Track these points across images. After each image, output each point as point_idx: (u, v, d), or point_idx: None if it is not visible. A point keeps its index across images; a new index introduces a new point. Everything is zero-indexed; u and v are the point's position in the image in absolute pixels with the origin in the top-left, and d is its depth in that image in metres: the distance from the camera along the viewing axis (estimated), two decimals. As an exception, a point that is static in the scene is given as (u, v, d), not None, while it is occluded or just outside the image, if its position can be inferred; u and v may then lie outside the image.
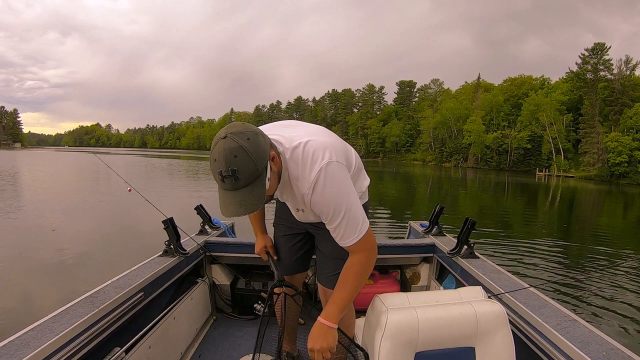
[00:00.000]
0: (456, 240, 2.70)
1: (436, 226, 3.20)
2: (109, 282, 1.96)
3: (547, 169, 57.01)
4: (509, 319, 1.51)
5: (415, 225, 3.56)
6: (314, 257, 2.02)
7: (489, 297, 1.67)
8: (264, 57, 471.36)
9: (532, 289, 1.97)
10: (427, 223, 3.35)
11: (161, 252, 2.48)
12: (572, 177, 51.25)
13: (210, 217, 3.25)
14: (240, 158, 1.20)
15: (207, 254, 2.91)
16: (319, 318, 1.50)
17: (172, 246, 2.47)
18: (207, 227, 3.15)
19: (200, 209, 3.19)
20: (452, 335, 1.43)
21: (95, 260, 6.93)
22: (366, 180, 1.79)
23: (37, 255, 7.14)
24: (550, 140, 58.19)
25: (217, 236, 3.07)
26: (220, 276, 3.04)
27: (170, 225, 2.45)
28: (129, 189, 2.94)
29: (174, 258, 2.44)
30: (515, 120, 65.56)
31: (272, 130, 1.47)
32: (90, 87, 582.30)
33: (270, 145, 1.32)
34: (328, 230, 1.48)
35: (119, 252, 7.28)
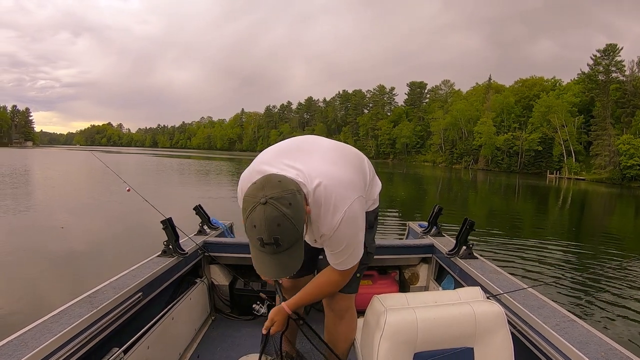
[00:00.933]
0: (455, 241, 2.71)
1: (435, 227, 3.21)
2: (108, 282, 1.96)
3: (558, 172, 56.55)
4: (508, 320, 1.51)
5: (414, 225, 3.56)
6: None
7: (488, 297, 1.69)
8: (274, 57, 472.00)
9: (530, 289, 1.98)
10: (425, 224, 3.36)
11: (160, 252, 2.49)
12: (583, 179, 50.85)
13: (209, 217, 3.25)
14: (284, 226, 1.17)
15: (206, 254, 2.91)
16: (284, 304, 1.65)
17: (170, 246, 2.48)
18: (205, 227, 3.16)
19: (199, 209, 3.19)
20: (450, 335, 1.44)
21: (99, 258, 7.09)
22: (378, 187, 1.79)
23: (46, 251, 7.37)
24: (562, 143, 57.78)
25: (215, 236, 3.08)
26: (219, 276, 3.04)
27: (169, 225, 2.46)
28: (127, 188, 2.96)
29: (173, 258, 2.45)
30: (526, 121, 65.16)
31: (286, 160, 1.43)
32: (102, 86, 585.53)
33: (303, 192, 1.31)
34: None
35: (124, 250, 7.42)
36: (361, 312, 1.76)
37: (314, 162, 1.42)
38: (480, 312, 1.45)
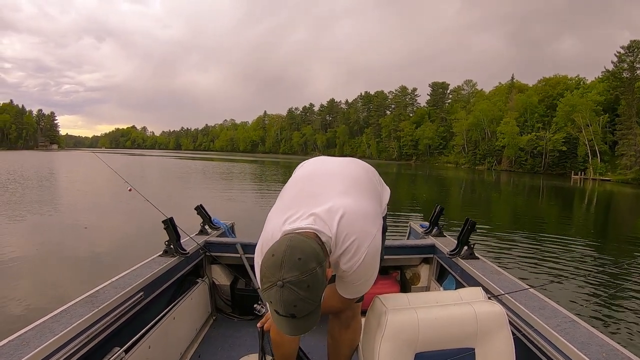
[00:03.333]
0: (456, 241, 2.71)
1: (436, 227, 3.21)
2: (109, 282, 1.97)
3: (582, 172, 55.69)
4: (509, 320, 1.50)
5: (416, 226, 3.56)
6: None
7: (489, 298, 1.68)
8: (296, 60, 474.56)
9: (532, 290, 1.97)
10: (427, 224, 3.36)
11: (161, 252, 2.50)
12: (608, 180, 49.85)
13: (210, 217, 3.25)
14: (300, 307, 1.14)
15: (207, 254, 2.92)
16: None
17: (172, 246, 2.49)
18: (207, 227, 3.17)
19: (200, 209, 3.19)
20: (452, 336, 1.43)
21: (115, 254, 7.37)
22: (387, 194, 1.74)
23: (69, 249, 7.73)
24: (586, 142, 56.90)
25: (217, 236, 3.08)
26: (220, 276, 3.04)
27: (170, 225, 2.47)
28: (129, 188, 2.95)
29: (174, 258, 2.46)
30: (550, 121, 64.35)
31: (303, 207, 1.36)
32: (126, 90, 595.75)
33: (324, 260, 1.21)
34: None
35: (139, 247, 7.60)
36: (362, 312, 1.77)
37: (331, 197, 1.38)
38: (481, 312, 1.45)
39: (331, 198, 1.38)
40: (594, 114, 56.52)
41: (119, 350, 1.74)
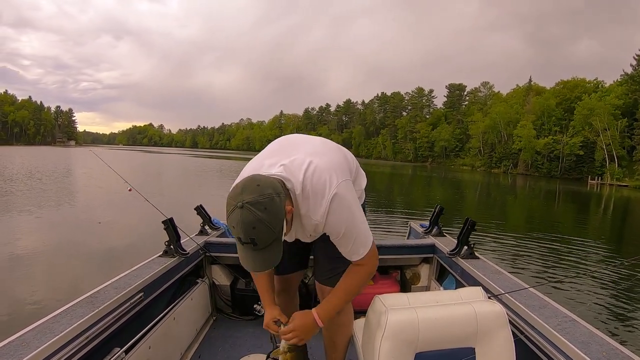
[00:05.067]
0: (456, 241, 2.70)
1: (436, 227, 3.20)
2: (109, 282, 1.96)
3: (599, 177, 54.79)
4: (509, 320, 1.50)
5: (416, 225, 3.56)
6: (311, 257, 1.99)
7: (489, 297, 1.67)
8: (313, 60, 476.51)
9: (532, 289, 1.96)
10: (427, 224, 3.35)
11: (161, 253, 2.50)
12: (626, 186, 49.05)
13: (210, 218, 3.25)
14: (259, 229, 1.22)
15: (207, 254, 2.91)
16: (315, 312, 1.56)
17: (172, 246, 2.49)
18: (207, 227, 3.16)
19: (200, 209, 3.17)
20: (452, 335, 1.43)
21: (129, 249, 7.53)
22: (363, 178, 1.79)
23: (84, 244, 8.04)
24: (604, 147, 56.27)
25: (217, 236, 3.07)
26: (220, 277, 3.03)
27: (170, 225, 2.47)
28: (129, 188, 2.94)
29: (174, 258, 2.45)
30: (568, 125, 63.69)
31: (273, 159, 1.48)
32: (143, 88, 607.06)
33: (283, 194, 1.31)
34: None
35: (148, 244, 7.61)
36: (362, 312, 1.75)
37: (298, 156, 1.46)
38: (481, 312, 1.44)
39: (301, 154, 1.47)
40: (612, 117, 55.85)
41: (119, 351, 1.75)
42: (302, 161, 1.43)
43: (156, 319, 2.12)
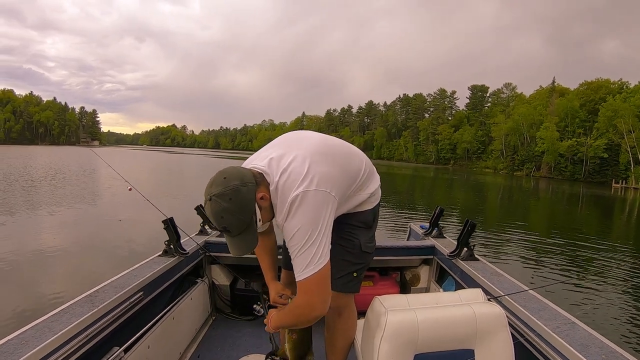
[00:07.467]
0: (456, 243, 2.68)
1: (436, 228, 3.18)
2: (109, 281, 1.96)
3: (624, 181, 53.94)
4: (509, 322, 1.48)
5: (415, 227, 3.54)
6: None
7: (489, 299, 1.68)
8: (335, 61, 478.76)
9: (531, 291, 1.95)
10: (427, 225, 3.33)
11: (161, 252, 2.49)
12: None
13: None
14: (227, 218, 1.31)
15: (207, 254, 2.91)
16: (272, 313, 1.65)
17: (172, 246, 2.48)
18: (207, 227, 3.14)
19: (200, 209, 3.10)
20: (451, 337, 1.42)
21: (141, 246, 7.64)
22: (376, 183, 1.74)
23: (100, 239, 8.34)
24: (628, 150, 55.52)
25: (217, 236, 3.05)
26: (219, 276, 3.04)
27: (170, 225, 2.46)
28: (129, 188, 2.92)
29: (174, 258, 2.45)
30: (592, 127, 62.87)
31: (269, 151, 1.50)
32: (166, 89, 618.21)
33: (257, 183, 1.37)
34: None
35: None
36: (362, 313, 1.74)
37: (299, 149, 1.46)
38: (481, 313, 1.43)
39: (297, 151, 1.45)
40: (637, 119, 55.18)
41: (118, 350, 1.75)
42: (287, 159, 1.43)
43: (155, 319, 2.13)
